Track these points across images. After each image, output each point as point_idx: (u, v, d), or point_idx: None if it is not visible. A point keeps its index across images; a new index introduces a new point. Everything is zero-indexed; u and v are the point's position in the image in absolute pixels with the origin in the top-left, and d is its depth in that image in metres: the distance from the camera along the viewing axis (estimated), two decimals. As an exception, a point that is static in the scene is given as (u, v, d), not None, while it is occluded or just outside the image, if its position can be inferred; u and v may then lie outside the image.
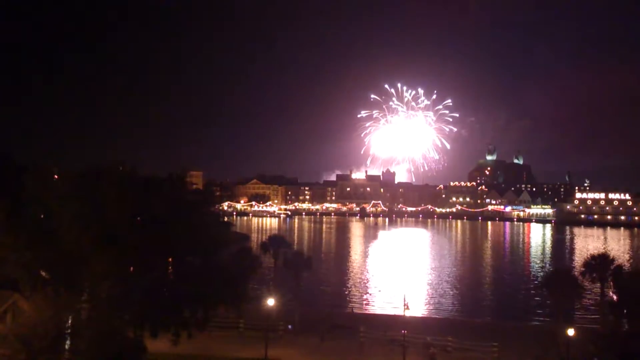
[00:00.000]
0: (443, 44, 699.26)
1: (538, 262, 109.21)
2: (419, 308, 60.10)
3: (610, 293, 43.79)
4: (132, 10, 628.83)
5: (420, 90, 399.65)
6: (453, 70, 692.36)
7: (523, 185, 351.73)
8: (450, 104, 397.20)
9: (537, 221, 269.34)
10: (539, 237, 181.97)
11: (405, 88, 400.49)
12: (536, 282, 78.73)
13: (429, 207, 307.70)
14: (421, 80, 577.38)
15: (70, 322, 27.92)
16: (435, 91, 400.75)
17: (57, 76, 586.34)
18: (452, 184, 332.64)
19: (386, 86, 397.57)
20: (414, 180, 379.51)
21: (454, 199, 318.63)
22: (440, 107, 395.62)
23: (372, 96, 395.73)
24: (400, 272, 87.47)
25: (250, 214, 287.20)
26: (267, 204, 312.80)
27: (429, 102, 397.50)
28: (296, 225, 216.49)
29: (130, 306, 27.78)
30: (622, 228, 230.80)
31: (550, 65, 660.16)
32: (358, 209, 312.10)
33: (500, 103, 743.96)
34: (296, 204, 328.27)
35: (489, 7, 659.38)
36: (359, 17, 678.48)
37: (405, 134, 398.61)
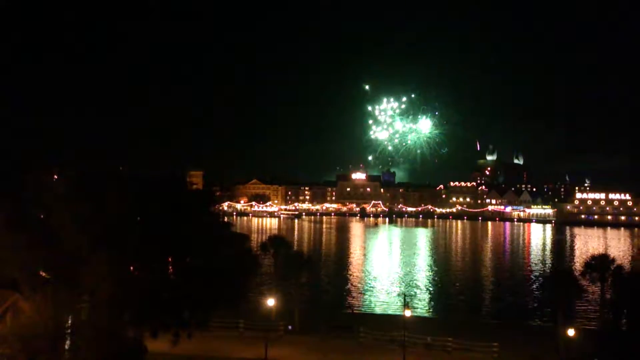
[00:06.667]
0: (443, 42, 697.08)
1: (538, 262, 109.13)
2: (419, 308, 60.17)
3: (611, 293, 43.85)
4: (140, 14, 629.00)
5: (421, 92, 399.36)
6: (453, 71, 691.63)
7: (523, 185, 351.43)
8: (450, 105, 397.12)
9: (537, 221, 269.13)
10: (539, 237, 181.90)
11: (405, 89, 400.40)
12: (536, 282, 78.85)
13: (429, 207, 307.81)
14: (421, 81, 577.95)
15: (70, 322, 27.95)
16: (435, 92, 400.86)
17: (56, 75, 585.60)
18: (452, 184, 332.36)
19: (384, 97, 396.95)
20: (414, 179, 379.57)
21: (454, 199, 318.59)
22: (440, 108, 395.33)
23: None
24: (400, 272, 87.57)
25: (250, 214, 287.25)
26: (267, 204, 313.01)
27: (429, 103, 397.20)
28: (296, 226, 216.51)
29: (130, 306, 27.79)
30: (622, 228, 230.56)
31: (549, 65, 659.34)
32: (358, 209, 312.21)
33: (501, 103, 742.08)
34: (296, 204, 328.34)
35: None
36: (357, 16, 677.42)
37: (405, 135, 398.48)
